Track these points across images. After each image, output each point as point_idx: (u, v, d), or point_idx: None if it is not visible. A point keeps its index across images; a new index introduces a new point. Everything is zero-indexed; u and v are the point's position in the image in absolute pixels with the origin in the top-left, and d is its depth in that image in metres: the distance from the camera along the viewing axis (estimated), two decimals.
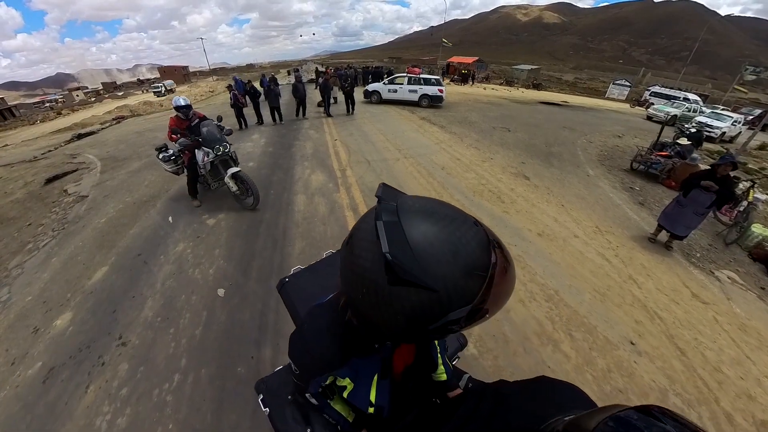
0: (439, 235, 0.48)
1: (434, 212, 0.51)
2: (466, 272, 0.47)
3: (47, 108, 50.94)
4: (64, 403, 2.34)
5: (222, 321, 2.81)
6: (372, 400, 0.74)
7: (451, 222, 0.50)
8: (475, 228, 0.51)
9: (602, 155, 8.45)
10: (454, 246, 0.47)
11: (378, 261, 0.47)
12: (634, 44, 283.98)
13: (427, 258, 0.46)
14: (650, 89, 25.44)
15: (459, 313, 0.48)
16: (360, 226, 0.55)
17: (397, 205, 0.50)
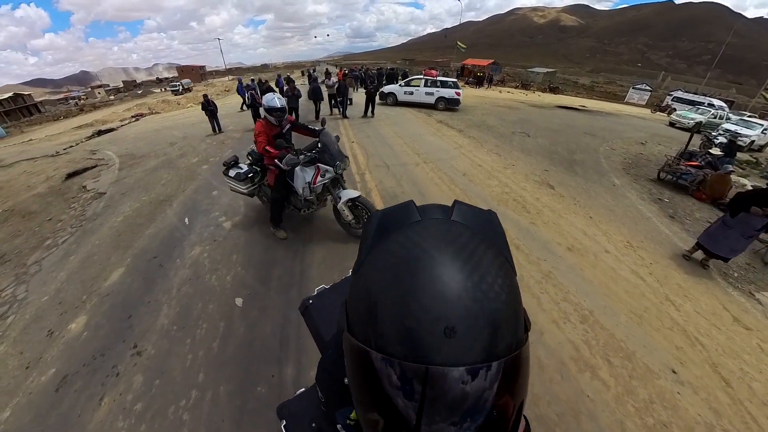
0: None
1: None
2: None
3: (70, 105, 52.63)
4: (77, 416, 2.25)
5: (240, 334, 2.69)
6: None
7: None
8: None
9: (626, 163, 8.13)
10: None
11: None
12: (654, 47, 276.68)
13: None
14: (672, 94, 24.60)
15: (345, 337, 0.43)
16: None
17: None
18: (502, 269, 0.39)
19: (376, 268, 0.40)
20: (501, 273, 0.39)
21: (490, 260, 0.39)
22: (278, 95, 3.54)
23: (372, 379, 0.37)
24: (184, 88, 40.19)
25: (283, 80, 16.89)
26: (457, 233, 0.40)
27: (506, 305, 0.37)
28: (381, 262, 0.40)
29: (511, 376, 0.36)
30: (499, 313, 0.36)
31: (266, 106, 3.48)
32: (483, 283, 0.36)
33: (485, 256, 0.39)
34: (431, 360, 0.33)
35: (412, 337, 0.34)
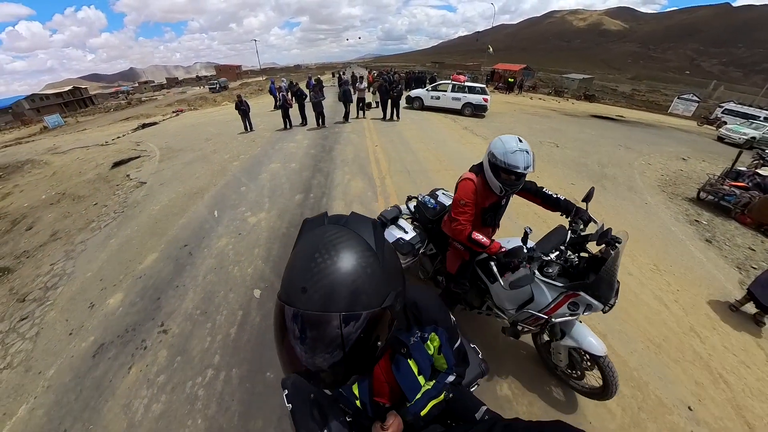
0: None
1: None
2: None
3: (120, 99, 57.02)
4: (108, 381, 2.53)
5: (256, 323, 2.88)
6: (356, 394, 0.87)
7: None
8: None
9: (663, 180, 7.64)
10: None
11: None
12: (705, 53, 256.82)
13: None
14: (723, 106, 22.77)
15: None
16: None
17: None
18: (358, 261, 0.60)
19: (291, 255, 0.66)
20: (355, 262, 0.60)
21: (350, 254, 0.60)
22: (512, 142, 1.79)
23: (276, 320, 0.64)
24: (221, 86, 42.31)
25: (313, 82, 17.44)
26: (334, 234, 0.63)
27: (347, 282, 0.58)
28: (293, 251, 0.66)
29: (347, 323, 0.58)
30: (335, 285, 0.57)
31: (502, 162, 1.78)
32: (331, 266, 0.58)
33: (347, 251, 0.61)
34: (294, 304, 0.59)
35: (287, 289, 0.60)
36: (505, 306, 2.21)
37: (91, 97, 59.36)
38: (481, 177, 1.97)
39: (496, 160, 1.80)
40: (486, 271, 2.24)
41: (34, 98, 52.58)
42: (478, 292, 2.46)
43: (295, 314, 0.59)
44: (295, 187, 5.85)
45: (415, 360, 0.92)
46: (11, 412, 2.40)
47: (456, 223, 1.97)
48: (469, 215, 1.96)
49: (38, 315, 3.38)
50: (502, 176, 1.84)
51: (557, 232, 2.15)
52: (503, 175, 1.83)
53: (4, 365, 2.83)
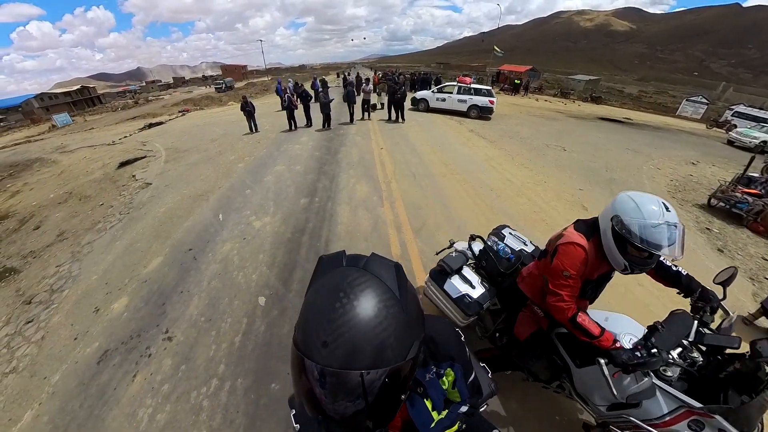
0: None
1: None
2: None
3: (127, 98, 57.61)
4: (113, 388, 2.51)
5: (261, 332, 2.86)
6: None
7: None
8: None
9: (673, 186, 7.52)
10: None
11: None
12: (714, 54, 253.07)
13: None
14: (733, 108, 22.40)
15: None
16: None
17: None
18: (382, 312, 0.56)
19: (307, 297, 0.62)
20: (378, 314, 0.55)
21: (373, 304, 0.56)
22: (655, 209, 1.33)
23: (294, 367, 0.59)
24: (226, 86, 42.51)
25: (318, 83, 17.43)
26: (355, 281, 0.58)
27: (370, 337, 0.54)
28: (309, 294, 0.62)
29: (371, 382, 0.54)
30: (360, 341, 0.53)
31: (637, 237, 1.32)
32: (353, 319, 0.53)
33: (370, 300, 0.56)
34: (313, 358, 0.53)
35: (306, 341, 0.55)
36: (593, 399, 1.72)
37: (99, 96, 60.07)
38: (594, 242, 1.50)
39: (627, 232, 1.32)
40: (570, 348, 1.77)
41: (44, 97, 53.32)
42: (548, 365, 1.93)
43: (320, 370, 0.56)
44: (300, 191, 5.82)
45: (430, 397, 0.89)
46: (17, 417, 2.39)
47: (556, 298, 1.54)
48: (573, 290, 1.53)
49: (44, 318, 3.38)
50: (630, 252, 1.37)
51: (678, 320, 1.58)
52: (632, 251, 1.36)
53: (10, 369, 2.84)
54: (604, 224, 1.46)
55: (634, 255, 1.38)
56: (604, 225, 1.45)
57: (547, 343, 1.87)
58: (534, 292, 1.81)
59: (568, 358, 1.78)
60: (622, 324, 1.63)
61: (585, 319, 1.50)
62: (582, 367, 1.70)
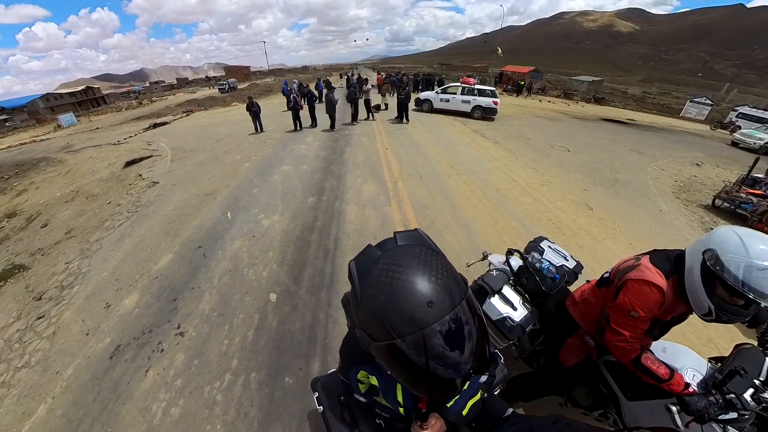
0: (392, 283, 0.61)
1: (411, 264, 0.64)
2: (378, 318, 0.62)
3: (131, 98, 57.97)
4: (126, 383, 2.53)
5: (273, 327, 2.87)
6: (400, 401, 0.86)
7: (412, 274, 0.62)
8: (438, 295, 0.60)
9: (677, 186, 7.50)
10: (393, 296, 0.60)
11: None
12: (718, 55, 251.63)
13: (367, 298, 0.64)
14: (737, 109, 22.30)
15: (372, 349, 0.65)
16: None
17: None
18: (438, 259, 0.66)
19: (372, 295, 0.63)
20: (439, 262, 0.65)
21: (430, 257, 0.65)
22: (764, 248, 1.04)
23: (403, 358, 0.61)
24: (230, 86, 42.65)
25: (322, 83, 17.49)
26: (406, 251, 0.67)
27: (447, 278, 0.63)
28: (374, 289, 0.63)
29: (470, 308, 0.64)
30: (444, 281, 0.62)
31: (736, 280, 1.06)
32: (433, 271, 0.62)
33: (426, 256, 0.65)
34: (433, 320, 0.58)
35: (412, 318, 0.59)
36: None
37: (103, 97, 60.49)
38: (674, 282, 1.28)
39: (722, 269, 1.09)
40: (621, 378, 1.60)
41: (49, 97, 53.69)
42: (591, 392, 1.77)
43: (442, 326, 0.60)
44: (308, 190, 5.85)
45: None
46: (30, 411, 2.42)
47: (619, 338, 1.36)
48: (639, 331, 1.34)
49: (54, 314, 3.41)
50: (719, 295, 1.15)
51: (748, 356, 1.35)
52: (723, 294, 1.13)
53: (22, 364, 2.87)
54: (692, 259, 1.23)
55: (724, 300, 1.14)
56: (692, 260, 1.22)
57: (594, 371, 1.71)
58: (587, 322, 1.63)
59: (617, 389, 1.62)
60: (682, 357, 1.47)
61: (651, 361, 1.32)
62: (634, 399, 1.54)
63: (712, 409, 1.17)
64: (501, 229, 4.53)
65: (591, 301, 1.63)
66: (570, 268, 2.06)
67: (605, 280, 1.57)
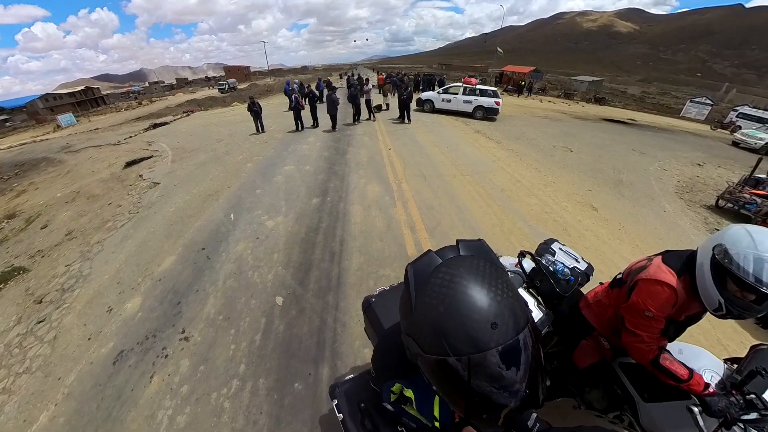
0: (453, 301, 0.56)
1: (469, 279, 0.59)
2: (437, 336, 0.56)
3: (131, 99, 57.84)
4: (130, 390, 2.48)
5: (280, 331, 2.82)
6: (436, 416, 0.83)
7: (475, 296, 0.56)
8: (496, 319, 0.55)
9: (680, 187, 7.47)
10: (455, 314, 0.55)
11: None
12: (717, 55, 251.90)
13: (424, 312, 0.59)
14: (737, 109, 22.31)
15: (420, 360, 0.62)
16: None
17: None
18: (503, 277, 0.62)
19: (430, 304, 0.59)
20: (504, 280, 0.61)
21: (495, 273, 0.61)
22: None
23: (453, 376, 0.57)
24: (230, 87, 42.55)
25: (323, 84, 17.44)
26: (471, 263, 0.62)
27: (513, 299, 0.59)
28: (432, 298, 0.59)
29: (533, 336, 0.59)
30: (510, 304, 0.57)
31: (747, 274, 1.06)
32: (497, 288, 0.58)
33: (492, 271, 0.61)
34: (494, 343, 0.54)
35: (474, 337, 0.54)
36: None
37: (102, 97, 60.37)
38: (686, 280, 1.29)
39: (731, 263, 1.09)
40: (636, 380, 1.59)
41: (48, 98, 53.53)
42: (606, 394, 1.77)
43: (503, 351, 0.56)
44: (312, 191, 5.80)
45: None
46: (32, 419, 2.36)
47: (635, 339, 1.36)
48: (654, 330, 1.33)
49: (55, 318, 3.35)
50: (730, 290, 1.15)
51: (763, 356, 1.35)
52: (734, 289, 1.13)
53: (23, 369, 2.81)
54: (702, 256, 1.23)
55: (734, 294, 1.13)
56: (703, 257, 1.22)
57: (608, 373, 1.70)
58: (602, 323, 1.62)
59: (633, 391, 1.61)
60: (699, 358, 1.46)
61: (670, 361, 1.31)
62: (651, 401, 1.53)
63: (734, 409, 1.15)
64: (507, 230, 4.49)
65: (604, 302, 1.63)
66: (582, 270, 2.05)
67: (618, 282, 1.58)
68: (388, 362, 0.89)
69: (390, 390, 0.86)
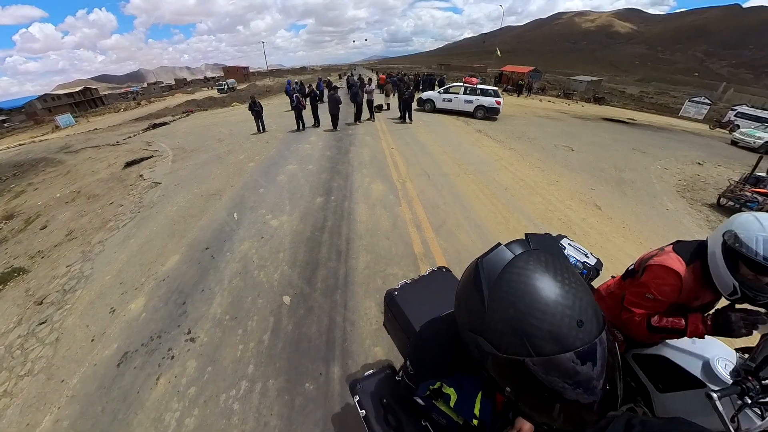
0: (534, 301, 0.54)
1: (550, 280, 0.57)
2: (519, 334, 0.54)
3: (130, 99, 57.64)
4: (136, 392, 2.42)
5: (289, 330, 2.77)
6: (476, 414, 0.83)
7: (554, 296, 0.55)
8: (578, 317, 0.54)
9: (681, 185, 7.48)
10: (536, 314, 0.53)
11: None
12: (714, 55, 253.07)
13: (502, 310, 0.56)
14: (735, 108, 22.41)
15: (492, 359, 0.58)
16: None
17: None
18: (575, 273, 0.60)
19: (507, 301, 0.56)
20: (577, 276, 0.59)
21: (570, 269, 0.59)
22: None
23: (531, 377, 0.54)
24: (229, 87, 42.43)
25: (323, 84, 17.40)
26: (546, 258, 0.60)
27: (591, 297, 0.58)
28: (510, 295, 0.56)
29: (609, 336, 0.57)
30: (591, 301, 0.57)
31: (758, 254, 1.08)
32: (575, 285, 0.56)
33: (567, 267, 0.59)
34: (581, 342, 0.52)
35: (559, 335, 0.52)
36: None
37: (101, 98, 60.14)
38: (695, 269, 1.30)
39: (741, 246, 1.11)
40: (651, 371, 1.59)
41: (47, 98, 53.25)
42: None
43: (588, 350, 0.54)
44: (315, 190, 5.76)
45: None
46: (35, 422, 2.31)
47: (628, 315, 1.42)
48: (650, 311, 1.38)
49: (57, 319, 3.29)
50: (743, 273, 1.16)
51: None
52: (747, 272, 1.14)
53: (25, 372, 2.75)
54: (713, 243, 1.26)
55: (747, 277, 1.14)
56: (714, 244, 1.25)
57: (623, 365, 1.67)
58: (615, 315, 1.67)
59: (648, 382, 1.63)
60: (711, 347, 1.47)
61: (662, 319, 1.33)
62: (665, 391, 1.54)
63: (753, 393, 1.15)
64: (513, 229, 4.46)
65: (617, 293, 1.65)
66: (592, 265, 2.06)
67: (630, 272, 1.61)
68: (428, 359, 0.87)
69: (429, 387, 0.84)
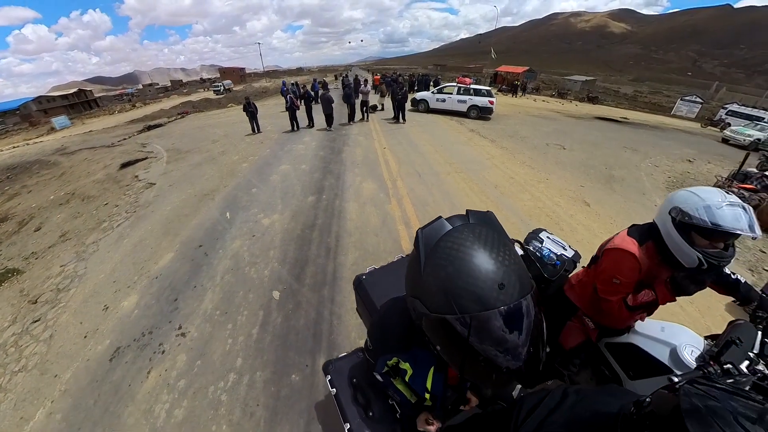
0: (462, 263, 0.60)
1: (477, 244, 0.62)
2: (446, 295, 0.60)
3: (125, 101, 57.37)
4: (127, 385, 2.49)
5: (277, 324, 2.85)
6: (428, 388, 0.87)
7: (482, 258, 0.60)
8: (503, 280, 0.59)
9: (671, 182, 7.61)
10: (464, 275, 0.59)
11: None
12: (707, 55, 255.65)
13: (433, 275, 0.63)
14: (726, 107, 22.71)
15: (425, 319, 0.66)
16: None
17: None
18: (509, 245, 0.65)
19: (439, 265, 0.62)
20: (509, 247, 0.64)
21: (502, 241, 0.64)
22: (714, 194, 1.22)
23: (456, 335, 0.60)
24: (225, 88, 42.31)
25: (318, 84, 17.46)
26: (480, 230, 0.65)
27: (519, 266, 0.63)
28: (442, 260, 0.62)
29: (535, 303, 0.62)
30: (517, 270, 0.61)
31: (702, 221, 1.17)
32: (504, 255, 0.61)
33: (498, 239, 0.64)
34: (502, 303, 0.57)
35: (481, 296, 0.57)
36: None
37: (96, 99, 59.86)
38: (648, 248, 1.39)
39: (690, 218, 1.19)
40: (622, 359, 1.66)
41: (41, 100, 52.99)
42: (593, 376, 1.83)
43: (508, 312, 0.59)
44: (307, 189, 5.83)
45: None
46: (29, 416, 2.36)
47: (608, 304, 1.49)
48: (623, 294, 1.45)
49: (51, 317, 3.34)
50: (699, 243, 1.23)
51: (742, 331, 1.44)
52: (702, 241, 1.22)
53: (19, 368, 2.80)
54: (662, 224, 1.33)
55: (705, 246, 1.22)
56: (663, 224, 1.32)
57: (595, 354, 1.78)
58: (584, 302, 1.72)
59: (619, 370, 1.67)
60: (680, 335, 1.52)
61: (636, 297, 1.41)
62: (636, 378, 1.60)
63: (715, 377, 1.17)
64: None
65: (585, 281, 1.72)
66: (569, 257, 2.07)
67: (594, 259, 1.69)
68: (386, 336, 0.92)
69: (386, 362, 0.89)
